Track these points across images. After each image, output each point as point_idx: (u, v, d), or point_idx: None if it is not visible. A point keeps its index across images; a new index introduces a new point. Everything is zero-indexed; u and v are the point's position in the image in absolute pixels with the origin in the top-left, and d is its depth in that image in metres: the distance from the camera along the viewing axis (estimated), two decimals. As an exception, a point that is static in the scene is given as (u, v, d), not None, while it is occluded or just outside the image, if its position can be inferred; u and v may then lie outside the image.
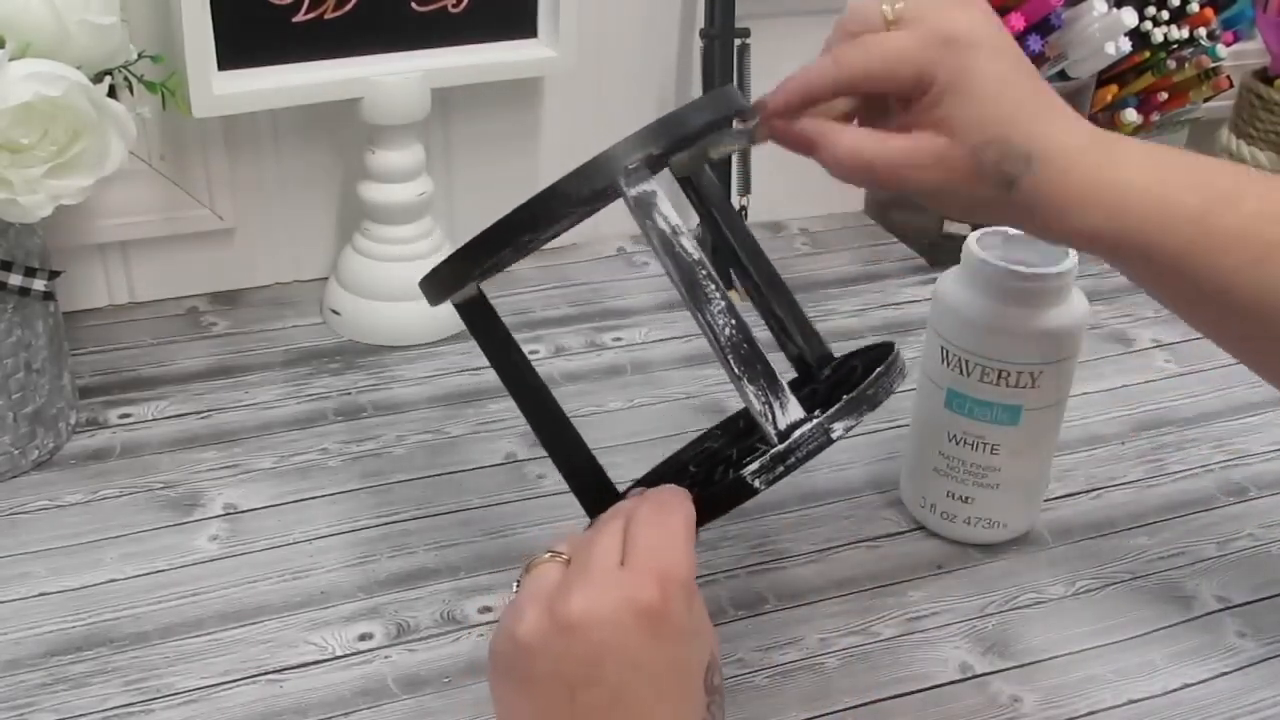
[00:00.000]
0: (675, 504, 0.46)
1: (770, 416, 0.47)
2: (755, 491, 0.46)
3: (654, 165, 0.48)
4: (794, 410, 0.47)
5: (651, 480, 0.60)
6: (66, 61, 0.61)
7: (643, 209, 0.47)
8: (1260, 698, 0.59)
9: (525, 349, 0.84)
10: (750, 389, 0.47)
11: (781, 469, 0.46)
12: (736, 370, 0.47)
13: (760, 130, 0.52)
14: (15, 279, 0.66)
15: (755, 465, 0.46)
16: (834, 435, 0.46)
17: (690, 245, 0.48)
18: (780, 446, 0.46)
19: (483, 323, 0.54)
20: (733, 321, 0.47)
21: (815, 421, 0.46)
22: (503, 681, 0.44)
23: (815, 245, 1.01)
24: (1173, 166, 0.50)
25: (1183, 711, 0.58)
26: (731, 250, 0.57)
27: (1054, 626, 0.63)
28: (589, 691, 0.41)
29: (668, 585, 0.42)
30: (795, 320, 0.57)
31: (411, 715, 0.57)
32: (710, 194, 0.57)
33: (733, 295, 0.53)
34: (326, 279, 0.89)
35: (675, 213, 0.48)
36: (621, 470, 0.62)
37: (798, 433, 0.46)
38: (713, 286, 0.47)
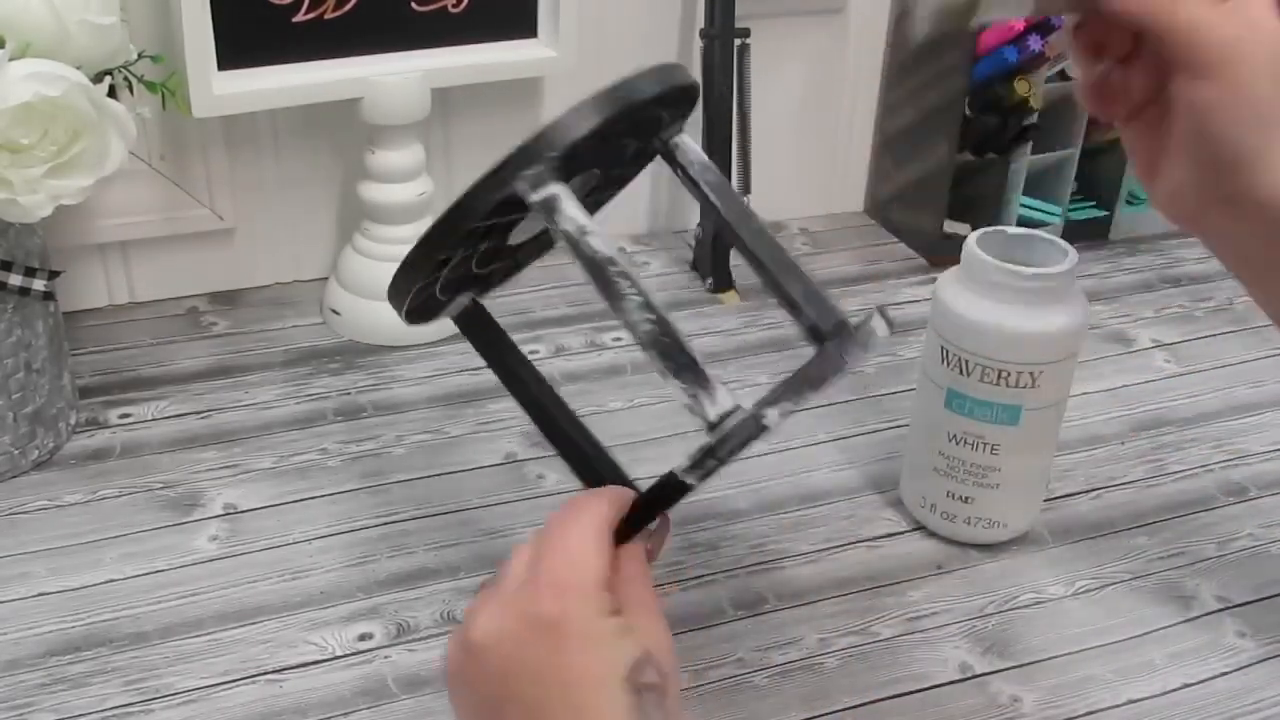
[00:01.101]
0: (585, 506, 0.46)
1: (699, 409, 0.46)
2: (688, 488, 0.46)
3: (561, 167, 0.48)
4: (723, 400, 0.46)
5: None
6: (66, 61, 0.61)
7: (547, 213, 0.47)
8: (1260, 698, 0.59)
9: (525, 349, 0.84)
10: (676, 383, 0.46)
11: (713, 462, 0.45)
12: (661, 365, 0.46)
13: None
14: (15, 279, 0.66)
15: (688, 462, 0.46)
16: (766, 422, 0.45)
17: (599, 244, 0.47)
18: (710, 440, 0.45)
19: (482, 335, 0.54)
20: (650, 316, 0.46)
21: (746, 411, 0.45)
22: (453, 706, 0.45)
23: (815, 245, 1.01)
24: None
25: (1182, 711, 0.58)
26: (727, 225, 0.55)
27: (1054, 626, 0.63)
28: (508, 707, 0.42)
29: (566, 594, 0.42)
30: (802, 289, 0.55)
31: (411, 715, 0.57)
32: (696, 168, 0.55)
33: (731, 296, 0.52)
34: (326, 279, 0.89)
35: (582, 213, 0.47)
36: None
37: (728, 424, 0.45)
38: (626, 283, 0.46)
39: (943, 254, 0.95)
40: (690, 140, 0.54)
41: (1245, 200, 0.44)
